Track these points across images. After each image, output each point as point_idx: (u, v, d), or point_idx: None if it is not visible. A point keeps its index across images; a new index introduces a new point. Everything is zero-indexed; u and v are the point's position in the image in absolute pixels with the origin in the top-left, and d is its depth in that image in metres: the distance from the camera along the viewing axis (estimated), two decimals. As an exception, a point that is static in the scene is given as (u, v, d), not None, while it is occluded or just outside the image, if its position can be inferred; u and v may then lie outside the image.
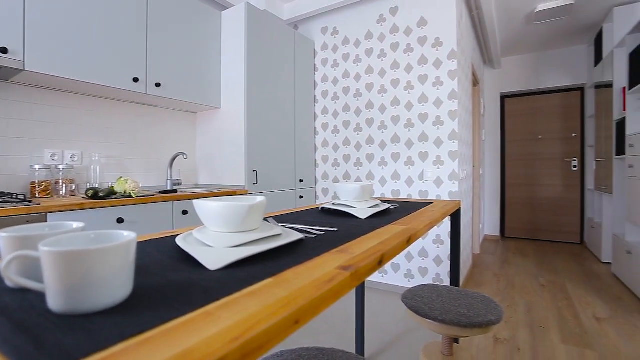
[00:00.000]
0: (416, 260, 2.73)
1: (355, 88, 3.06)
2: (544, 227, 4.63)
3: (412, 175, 2.77)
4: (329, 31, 3.21)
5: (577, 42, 4.28)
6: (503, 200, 4.91)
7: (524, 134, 4.78)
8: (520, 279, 3.05)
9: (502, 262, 3.62)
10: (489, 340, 2.00)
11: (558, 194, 4.56)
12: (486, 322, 1.06)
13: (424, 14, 2.71)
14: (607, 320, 2.22)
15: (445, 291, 1.28)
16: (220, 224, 0.59)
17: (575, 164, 4.45)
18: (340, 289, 0.44)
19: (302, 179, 3.10)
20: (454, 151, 2.59)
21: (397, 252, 0.66)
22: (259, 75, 2.56)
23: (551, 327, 2.13)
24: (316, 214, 1.11)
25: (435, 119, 2.68)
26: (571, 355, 1.83)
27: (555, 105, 4.59)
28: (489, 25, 3.48)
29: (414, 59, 2.76)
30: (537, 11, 3.37)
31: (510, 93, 4.86)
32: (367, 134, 3.01)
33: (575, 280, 3.00)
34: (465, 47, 3.09)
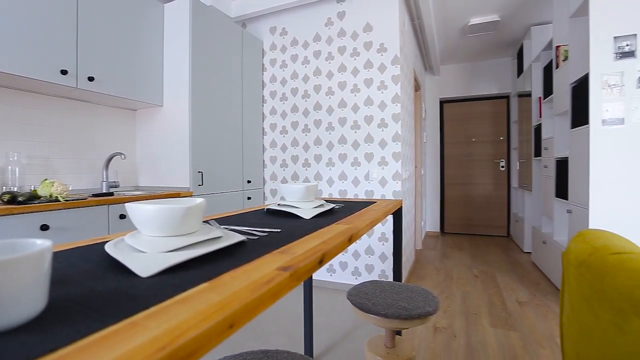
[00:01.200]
0: (363, 258, 2.82)
1: (304, 89, 3.08)
2: (477, 222, 5.06)
3: (358, 175, 2.86)
4: (277, 31, 3.19)
5: (503, 55, 4.74)
6: (442, 199, 5.27)
7: (460, 136, 5.17)
8: (457, 271, 3.29)
9: (442, 256, 3.88)
10: (429, 329, 2.13)
11: (489, 192, 5.01)
12: (424, 313, 1.13)
13: (370, 20, 2.81)
14: (527, 304, 2.48)
15: (388, 286, 1.34)
16: (154, 228, 0.56)
17: (502, 165, 4.92)
18: (279, 289, 0.44)
19: (250, 179, 3.04)
20: (397, 152, 2.72)
21: (338, 250, 0.68)
22: (204, 73, 2.47)
23: (482, 313, 2.34)
24: (261, 215, 1.10)
25: (380, 121, 2.79)
26: (498, 337, 2.02)
27: (485, 111, 5.04)
28: (428, 34, 3.71)
29: (360, 63, 2.85)
30: (469, 24, 3.66)
31: (448, 98, 5.23)
32: (315, 134, 3.04)
33: (502, 270, 3.32)
34: (408, 53, 3.26)
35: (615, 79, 2.16)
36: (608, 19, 2.17)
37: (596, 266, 0.95)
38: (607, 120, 2.17)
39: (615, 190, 2.15)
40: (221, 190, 2.64)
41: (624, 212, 2.13)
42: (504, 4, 3.27)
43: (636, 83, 2.12)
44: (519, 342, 1.96)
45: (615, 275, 0.86)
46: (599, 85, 2.19)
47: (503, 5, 3.30)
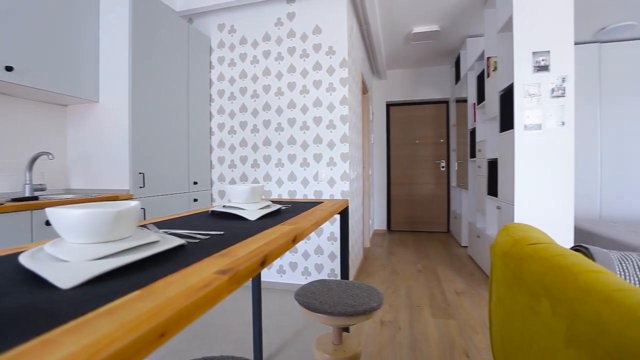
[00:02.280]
0: (313, 258, 2.85)
1: (253, 89, 3.03)
2: (421, 219, 5.36)
3: (307, 176, 2.88)
4: (226, 28, 3.10)
5: (443, 62, 5.07)
6: (389, 198, 5.50)
7: (405, 138, 5.44)
8: (402, 267, 3.46)
9: (389, 253, 4.05)
10: (376, 324, 2.21)
11: (431, 191, 5.33)
12: (369, 309, 1.17)
13: (319, 23, 2.84)
14: (464, 294, 2.69)
15: (335, 285, 1.37)
16: (80, 235, 0.52)
17: (443, 165, 5.27)
18: (217, 294, 0.43)
19: (196, 181, 2.92)
20: (345, 153, 2.79)
21: (282, 251, 0.68)
22: (146, 68, 2.32)
23: (425, 305, 2.48)
24: (205, 218, 1.07)
25: (329, 122, 2.83)
26: (438, 326, 2.16)
27: (428, 114, 5.36)
28: (375, 40, 3.86)
29: (309, 65, 2.88)
30: (413, 32, 3.87)
31: (394, 102, 5.47)
32: (264, 135, 3.01)
33: (443, 264, 3.55)
34: (356, 57, 3.35)
35: (534, 89, 2.43)
36: (528, 36, 2.43)
37: (516, 256, 1.06)
38: (528, 125, 2.43)
39: (535, 187, 2.41)
40: (165, 192, 2.51)
41: (541, 207, 2.40)
42: (443, 15, 3.50)
43: (550, 93, 2.39)
44: (456, 329, 2.11)
45: (530, 263, 0.96)
46: (521, 94, 2.44)
47: (442, 17, 3.54)
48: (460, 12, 3.44)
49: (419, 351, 1.88)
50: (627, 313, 0.61)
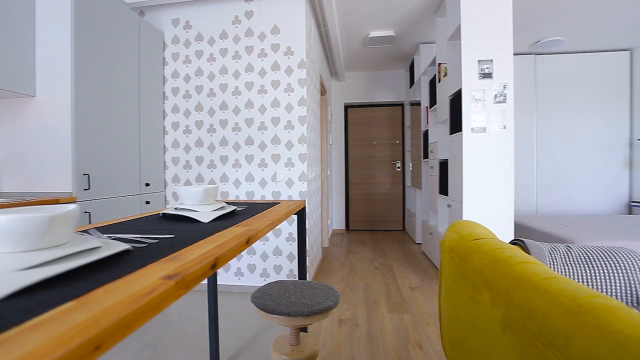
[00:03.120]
0: (271, 259, 2.83)
1: (209, 87, 2.94)
2: (377, 218, 5.52)
3: (265, 176, 2.85)
4: (180, 24, 2.98)
5: (399, 67, 5.27)
6: (347, 198, 5.60)
7: (362, 139, 5.57)
8: (360, 265, 3.54)
9: (347, 252, 4.13)
10: (334, 322, 2.25)
11: (387, 191, 5.51)
12: (325, 308, 1.19)
13: (278, 23, 2.83)
14: (417, 289, 2.81)
15: (292, 285, 1.37)
16: (6, 243, 0.48)
17: (398, 166, 5.47)
18: (162, 300, 0.42)
19: (148, 182, 2.77)
20: (303, 154, 2.80)
21: (234, 253, 0.67)
22: (91, 61, 2.16)
23: (381, 302, 2.56)
24: (155, 221, 1.02)
25: (287, 123, 2.83)
26: (394, 321, 2.24)
27: (384, 116, 5.53)
28: (334, 42, 3.91)
29: (268, 64, 2.85)
30: (370, 36, 3.98)
31: (352, 104, 5.59)
32: (221, 135, 2.93)
33: (398, 260, 3.69)
34: (315, 58, 3.37)
35: (479, 94, 2.60)
36: (474, 45, 2.60)
37: (462, 251, 1.13)
38: (474, 128, 2.59)
39: (481, 186, 2.58)
40: (113, 195, 2.35)
41: (487, 205, 2.58)
42: (398, 21, 3.63)
43: (493, 99, 2.58)
44: (410, 323, 2.21)
45: (474, 258, 1.03)
46: (468, 99, 2.61)
47: (397, 23, 3.67)
48: (414, 20, 3.59)
49: (376, 346, 1.93)
50: (551, 299, 0.68)
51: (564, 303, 0.65)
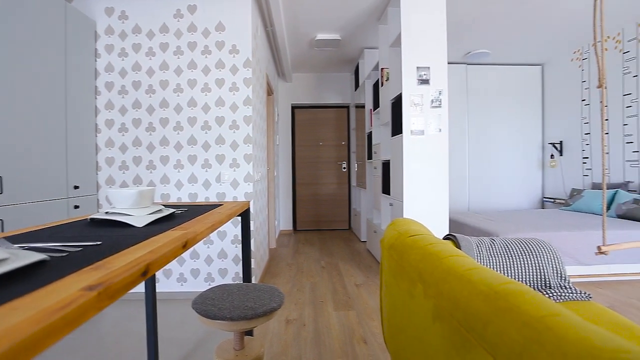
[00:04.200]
0: (216, 263, 2.74)
1: (148, 84, 2.76)
2: (324, 218, 5.62)
3: (209, 177, 2.75)
4: (115, 13, 2.75)
5: (345, 70, 5.41)
6: (294, 198, 5.62)
7: (309, 140, 5.62)
8: (307, 265, 3.57)
9: (294, 252, 4.14)
10: (281, 323, 2.24)
11: (333, 191, 5.63)
12: (269, 310, 1.18)
13: (222, 20, 2.74)
14: (362, 285, 2.91)
15: (236, 289, 1.34)
16: None
17: (344, 166, 5.62)
18: (80, 314, 0.39)
19: (77, 185, 2.52)
20: (249, 154, 2.75)
21: (169, 258, 0.64)
22: (4, 48, 1.90)
23: (328, 300, 2.61)
24: (81, 227, 0.94)
25: (232, 122, 2.76)
26: (340, 318, 2.29)
27: (331, 117, 5.64)
28: (281, 42, 3.89)
29: (212, 62, 2.76)
30: (316, 39, 4.03)
31: (299, 104, 5.61)
32: (162, 134, 2.77)
33: (344, 259, 3.79)
34: (261, 58, 3.33)
35: (418, 99, 2.77)
36: (413, 52, 2.76)
37: (399, 247, 1.20)
38: (414, 131, 2.76)
39: (419, 186, 2.75)
40: (34, 199, 2.10)
41: (424, 203, 2.75)
42: (343, 26, 3.73)
43: (430, 104, 2.76)
44: (355, 319, 2.28)
45: (409, 253, 1.10)
46: (408, 103, 2.76)
47: (343, 27, 3.77)
48: (359, 25, 3.71)
49: (323, 344, 1.96)
50: (473, 288, 0.75)
51: (483, 291, 0.72)
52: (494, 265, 1.60)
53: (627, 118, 3.76)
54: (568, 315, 0.58)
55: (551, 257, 1.63)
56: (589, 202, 3.84)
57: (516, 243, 1.67)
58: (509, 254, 1.62)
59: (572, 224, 3.16)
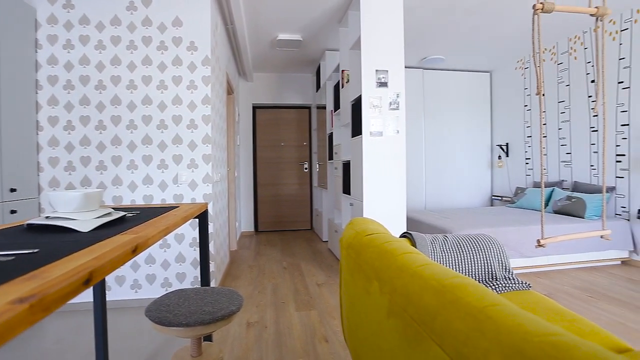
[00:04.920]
0: (174, 267, 2.63)
1: (98, 79, 2.59)
2: (286, 219, 5.60)
3: (165, 179, 2.64)
4: (59, 1, 2.55)
5: (306, 70, 5.42)
6: (256, 199, 5.55)
7: (271, 140, 5.58)
8: (269, 266, 3.54)
9: (256, 254, 4.09)
10: (242, 327, 2.20)
11: (295, 191, 5.63)
12: (228, 313, 1.16)
13: (180, 15, 2.64)
14: (324, 285, 2.94)
15: (193, 293, 1.30)
16: None
17: (306, 167, 5.64)
18: (8, 329, 0.36)
19: (14, 187, 2.31)
20: (207, 154, 2.68)
21: (117, 265, 0.61)
22: None
23: (289, 301, 2.61)
24: (17, 234, 0.86)
25: (190, 122, 2.67)
26: (302, 318, 2.30)
27: (292, 118, 5.64)
28: (241, 41, 3.83)
29: (168, 59, 2.65)
30: (278, 39, 4.00)
31: (260, 104, 5.55)
32: (113, 133, 2.61)
33: (306, 259, 3.80)
34: (221, 56, 3.25)
35: (377, 101, 2.85)
36: (372, 55, 2.83)
37: (357, 246, 1.23)
38: (373, 132, 2.83)
39: (378, 185, 2.83)
40: (-44, 203, 1.89)
41: (383, 202, 2.84)
42: (305, 27, 3.74)
43: (388, 106, 2.86)
44: (317, 318, 2.30)
45: (366, 251, 1.13)
46: (367, 105, 2.83)
47: (304, 28, 3.78)
48: (320, 27, 3.75)
49: (284, 345, 1.96)
50: (424, 283, 0.79)
51: (433, 286, 0.76)
52: (447, 260, 1.69)
53: (562, 123, 4.13)
54: (506, 304, 0.63)
55: (497, 251, 1.75)
56: (530, 199, 4.17)
57: (467, 239, 1.78)
58: (460, 250, 1.72)
59: (516, 220, 3.42)
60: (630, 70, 3.40)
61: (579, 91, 3.92)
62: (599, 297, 2.60)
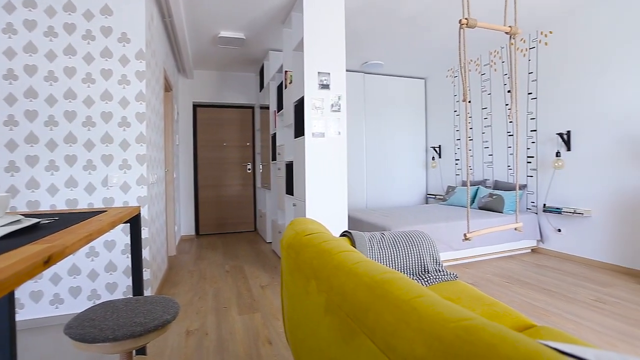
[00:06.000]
0: (103, 277, 2.42)
1: (7, 67, 2.28)
2: (229, 221, 5.45)
3: (93, 181, 2.42)
4: (-54, -26, 2.20)
5: (250, 70, 5.33)
6: (197, 201, 5.31)
7: (212, 140, 5.39)
8: (210, 270, 3.42)
9: (196, 258, 3.92)
10: (181, 336, 2.10)
11: (238, 192, 5.51)
12: (162, 323, 1.10)
13: (110, 3, 2.44)
14: (268, 286, 2.93)
15: (123, 304, 1.22)
16: None
17: (249, 167, 5.55)
18: None
19: None
20: (142, 154, 2.51)
21: (24, 278, 0.56)
22: None
23: (232, 305, 2.55)
24: None
25: (121, 119, 2.48)
26: (245, 322, 2.26)
27: (235, 118, 5.50)
28: (180, 36, 3.64)
29: (96, 49, 2.43)
30: (219, 36, 3.87)
31: (201, 103, 5.33)
32: (27, 129, 2.33)
33: (250, 261, 3.74)
34: (157, 50, 3.06)
35: (319, 103, 2.90)
36: (315, 58, 2.88)
37: (296, 246, 1.24)
38: (315, 133, 2.88)
39: (321, 186, 2.89)
40: None
41: (326, 202, 2.90)
42: (248, 25, 3.67)
43: (330, 108, 2.93)
44: (260, 320, 2.28)
45: (305, 251, 1.16)
46: (310, 106, 2.87)
47: (247, 27, 3.71)
48: (264, 26, 3.71)
49: (226, 351, 1.91)
50: (358, 280, 0.83)
51: (366, 282, 0.81)
52: (384, 256, 1.78)
53: (485, 127, 4.59)
54: (430, 295, 0.69)
55: (429, 246, 1.89)
56: (459, 197, 4.56)
57: (402, 236, 1.89)
58: (396, 246, 1.83)
59: (447, 216, 3.71)
60: (537, 83, 3.89)
61: (498, 100, 4.38)
62: (514, 282, 2.94)
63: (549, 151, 3.80)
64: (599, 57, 3.32)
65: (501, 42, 4.25)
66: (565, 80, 3.62)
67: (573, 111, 3.56)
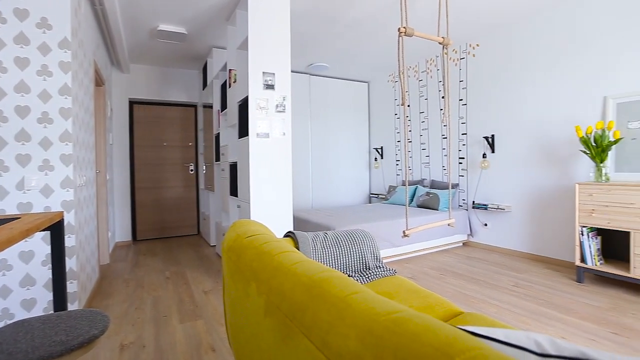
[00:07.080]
0: (17, 293, 2.15)
1: None
2: (170, 224, 5.17)
3: (6, 184, 2.14)
4: None
5: (192, 67, 5.10)
6: (134, 204, 4.96)
7: (151, 139, 5.06)
8: (148, 278, 3.21)
9: (133, 265, 3.66)
10: (114, 351, 1.95)
11: (180, 194, 5.25)
12: (88, 339, 1.02)
13: (23, -18, 2.18)
14: (211, 291, 2.83)
15: (40, 323, 1.10)
16: None
17: (192, 168, 5.31)
18: None
19: None
20: (67, 154, 2.28)
21: None
22: None
23: (173, 313, 2.42)
24: None
25: (42, 115, 2.23)
26: (186, 330, 2.17)
27: (176, 116, 5.23)
28: (114, 26, 3.37)
29: (8, 35, 2.15)
30: (159, 29, 3.65)
31: (138, 100, 4.98)
32: None
33: (192, 266, 3.59)
34: (86, 40, 2.80)
35: (264, 103, 2.88)
36: (260, 57, 2.85)
37: (237, 249, 1.23)
38: (259, 133, 2.85)
39: (265, 187, 2.87)
40: None
41: (270, 203, 2.89)
42: (190, 19, 3.51)
43: (275, 108, 2.92)
44: (203, 327, 2.20)
45: (246, 254, 1.15)
46: (254, 106, 2.84)
47: (189, 21, 3.54)
48: (207, 22, 3.57)
49: (165, 362, 1.82)
50: (297, 280, 0.84)
51: (304, 282, 0.82)
52: (327, 255, 1.82)
53: (422, 130, 4.90)
54: (364, 291, 0.73)
55: (370, 244, 1.97)
56: (400, 196, 4.81)
57: (345, 234, 1.95)
58: (339, 245, 1.88)
59: (388, 214, 3.90)
60: (466, 90, 4.26)
61: (434, 104, 4.71)
62: (447, 274, 3.18)
63: (477, 153, 4.17)
64: (518, 70, 3.73)
65: (437, 51, 4.56)
66: (489, 89, 4.01)
67: (496, 117, 3.95)
